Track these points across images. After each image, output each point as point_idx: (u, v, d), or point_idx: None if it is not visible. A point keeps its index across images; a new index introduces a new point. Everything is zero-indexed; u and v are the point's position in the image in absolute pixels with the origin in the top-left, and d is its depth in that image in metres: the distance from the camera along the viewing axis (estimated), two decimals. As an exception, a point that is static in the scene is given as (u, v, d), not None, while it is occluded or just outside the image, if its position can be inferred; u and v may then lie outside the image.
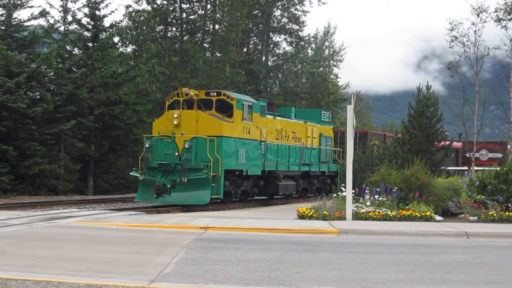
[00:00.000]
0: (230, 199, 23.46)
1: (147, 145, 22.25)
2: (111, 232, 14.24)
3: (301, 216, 17.37)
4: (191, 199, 21.52)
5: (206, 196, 21.31)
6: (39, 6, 49.05)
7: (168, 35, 39.04)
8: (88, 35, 33.38)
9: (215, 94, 23.14)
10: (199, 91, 23.76)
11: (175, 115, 22.23)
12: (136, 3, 39.51)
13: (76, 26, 33.57)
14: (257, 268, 9.73)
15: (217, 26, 41.43)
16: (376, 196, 18.01)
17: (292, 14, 47.84)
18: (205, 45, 41.65)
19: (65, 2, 33.18)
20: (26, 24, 31.05)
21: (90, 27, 33.20)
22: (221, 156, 21.57)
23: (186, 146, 21.49)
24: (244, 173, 23.41)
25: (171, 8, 38.55)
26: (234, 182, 23.20)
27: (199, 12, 40.91)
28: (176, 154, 21.73)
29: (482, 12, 30.93)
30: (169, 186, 21.52)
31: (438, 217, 17.65)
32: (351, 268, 9.90)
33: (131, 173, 23.74)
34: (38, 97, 29.38)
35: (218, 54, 41.47)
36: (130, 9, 38.67)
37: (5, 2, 30.53)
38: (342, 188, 18.50)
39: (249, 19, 44.31)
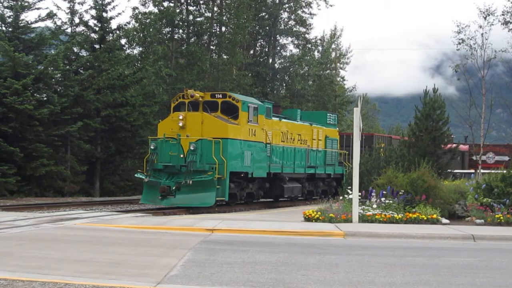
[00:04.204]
0: (236, 201, 23.41)
1: (152, 147, 22.24)
2: (117, 233, 14.26)
3: (308, 219, 17.36)
4: (196, 201, 21.50)
5: (211, 198, 21.29)
6: (47, 8, 49.35)
7: (175, 37, 39.14)
8: (95, 37, 33.50)
9: (221, 96, 23.14)
10: (204, 93, 23.78)
11: (181, 117, 22.24)
12: (143, 5, 39.71)
13: (83, 28, 33.72)
14: (263, 270, 9.72)
15: (223, 28, 41.50)
16: (383, 199, 17.98)
17: (299, 17, 47.88)
18: (211, 47, 41.72)
19: (72, 4, 33.33)
20: (33, 26, 31.17)
21: (97, 29, 33.34)
22: (226, 158, 21.56)
23: (192, 148, 21.49)
24: (250, 175, 23.38)
25: (177, 10, 38.65)
26: (239, 184, 23.18)
27: (206, 14, 41.01)
28: (181, 156, 21.71)
29: (489, 15, 30.90)
30: (174, 188, 21.51)
31: (444, 220, 17.62)
32: (358, 271, 9.89)
33: (136, 175, 23.76)
34: (45, 98, 29.47)
35: (225, 56, 41.53)
36: (137, 11, 38.85)
37: (12, 4, 30.67)
38: (349, 191, 18.48)
39: (256, 22, 44.35)
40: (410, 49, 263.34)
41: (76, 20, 33.50)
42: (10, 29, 30.46)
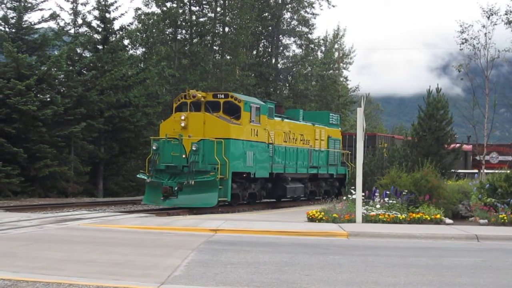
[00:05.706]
0: (238, 201, 23.39)
1: (154, 147, 22.25)
2: (121, 234, 14.28)
3: (311, 219, 17.35)
4: (198, 202, 21.48)
5: (214, 199, 21.28)
6: (50, 9, 49.45)
7: (178, 37, 39.13)
8: (98, 37, 33.54)
9: (223, 96, 23.13)
10: (206, 93, 23.76)
11: (183, 117, 22.22)
12: (145, 6, 39.77)
13: (86, 28, 33.79)
14: (267, 270, 9.73)
15: (226, 29, 41.50)
16: (386, 199, 17.97)
17: (302, 17, 47.86)
18: (214, 47, 41.71)
19: (75, 5, 33.38)
20: (36, 26, 31.23)
21: (100, 29, 33.38)
22: (228, 158, 21.55)
23: (194, 148, 21.48)
24: (252, 176, 23.36)
25: (180, 11, 38.66)
26: (241, 185, 23.17)
27: (209, 14, 41.01)
28: (184, 156, 21.71)
29: (492, 15, 30.83)
30: (176, 188, 21.51)
31: (448, 220, 17.60)
32: (361, 271, 9.89)
33: (138, 176, 23.76)
34: (48, 99, 29.54)
35: (228, 57, 41.51)
36: (140, 12, 38.88)
37: (15, 5, 30.73)
38: (352, 191, 18.46)
39: (259, 22, 44.34)
40: (416, 48, 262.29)
41: (79, 21, 33.60)
42: (13, 30, 30.53)
